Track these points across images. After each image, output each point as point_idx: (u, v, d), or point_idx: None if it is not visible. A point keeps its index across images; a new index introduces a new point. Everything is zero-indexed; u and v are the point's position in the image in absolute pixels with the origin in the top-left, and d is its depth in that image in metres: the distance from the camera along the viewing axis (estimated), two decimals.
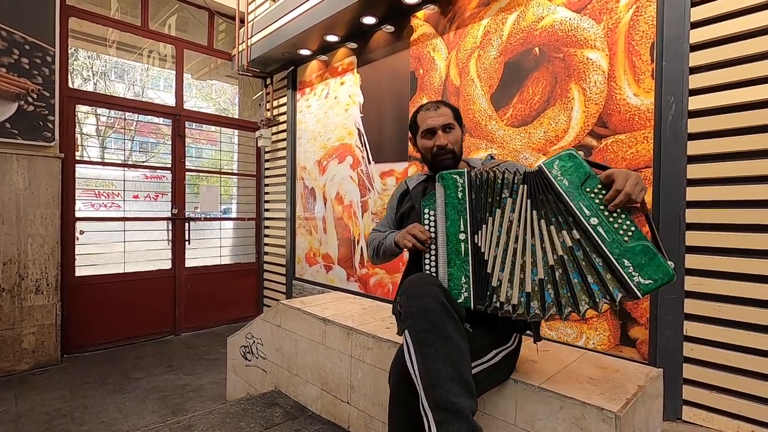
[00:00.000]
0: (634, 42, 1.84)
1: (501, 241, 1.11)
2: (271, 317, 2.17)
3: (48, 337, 3.05)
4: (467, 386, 0.95)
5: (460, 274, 1.15)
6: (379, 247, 1.45)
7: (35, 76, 2.95)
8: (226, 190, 4.52)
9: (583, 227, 1.01)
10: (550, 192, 1.06)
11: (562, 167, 1.06)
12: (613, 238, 0.98)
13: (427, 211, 1.24)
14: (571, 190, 1.03)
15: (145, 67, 11.39)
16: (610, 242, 0.98)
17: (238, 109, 5.12)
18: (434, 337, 0.99)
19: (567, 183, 1.04)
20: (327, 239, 3.58)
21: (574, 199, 1.03)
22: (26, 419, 2.30)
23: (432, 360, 0.96)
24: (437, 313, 1.01)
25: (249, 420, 1.76)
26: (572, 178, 1.04)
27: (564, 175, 1.05)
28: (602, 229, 0.99)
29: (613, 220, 1.00)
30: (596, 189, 1.02)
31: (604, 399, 1.09)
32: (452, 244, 1.17)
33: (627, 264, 0.96)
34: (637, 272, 0.95)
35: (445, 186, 1.20)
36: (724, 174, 1.62)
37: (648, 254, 0.95)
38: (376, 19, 2.94)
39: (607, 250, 0.98)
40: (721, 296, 1.63)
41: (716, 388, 1.64)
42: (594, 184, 1.03)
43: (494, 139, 2.34)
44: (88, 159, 4.55)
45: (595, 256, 1.00)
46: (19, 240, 2.93)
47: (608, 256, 0.98)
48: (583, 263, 1.01)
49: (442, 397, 0.92)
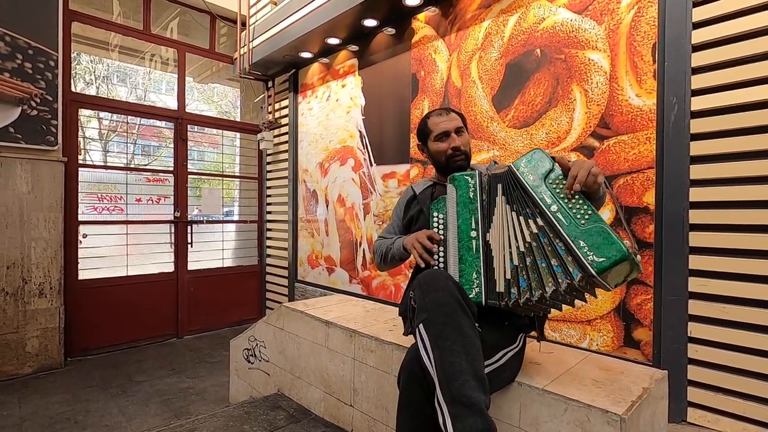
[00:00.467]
0: (635, 43, 1.84)
1: (498, 238, 1.17)
2: (273, 320, 2.17)
3: (51, 341, 3.05)
4: (482, 381, 0.96)
5: (471, 270, 1.18)
6: (387, 253, 1.47)
7: (38, 80, 2.97)
8: (228, 193, 4.53)
9: (545, 215, 1.08)
10: (518, 187, 1.14)
11: (527, 164, 1.15)
12: (570, 222, 1.04)
13: (436, 215, 1.28)
14: (536, 184, 1.12)
15: (147, 71, 11.44)
16: (567, 225, 1.04)
17: (239, 112, 5.13)
18: (450, 330, 0.99)
19: (531, 178, 1.13)
20: (329, 242, 3.58)
21: (537, 191, 1.11)
22: (30, 423, 2.30)
23: (449, 353, 0.96)
24: (452, 307, 1.02)
25: (252, 423, 1.76)
26: (536, 173, 1.13)
27: (529, 171, 1.14)
28: (561, 215, 1.06)
29: (572, 206, 1.06)
30: (557, 180, 1.11)
31: (609, 401, 1.08)
32: (464, 241, 1.21)
33: (582, 245, 1.01)
34: (591, 252, 0.99)
35: (458, 186, 1.25)
36: (727, 174, 1.62)
37: (603, 235, 1.00)
38: (377, 22, 2.95)
39: (565, 233, 1.03)
40: (726, 297, 1.62)
41: (722, 389, 1.62)
42: (555, 176, 1.11)
43: (496, 140, 2.34)
44: (91, 163, 4.56)
45: (557, 241, 1.05)
46: (23, 244, 2.94)
47: (566, 239, 1.03)
48: (548, 248, 1.07)
49: (458, 391, 0.92)
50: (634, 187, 1.85)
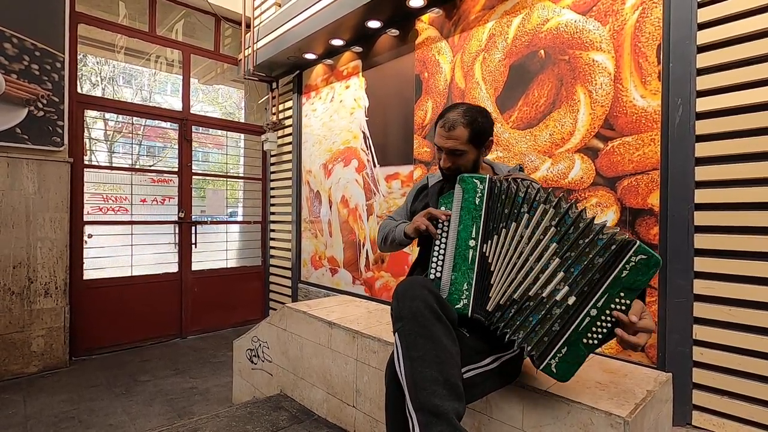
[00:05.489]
0: (640, 44, 1.83)
1: (508, 255, 1.10)
2: (276, 320, 2.17)
3: (56, 340, 3.07)
4: (453, 389, 0.96)
5: (463, 280, 1.14)
6: (389, 235, 1.49)
7: (45, 81, 3.00)
8: (232, 194, 4.54)
9: (583, 299, 1.01)
10: (599, 258, 1.00)
11: (637, 257, 0.97)
12: (584, 329, 1.01)
13: (444, 209, 1.24)
14: (617, 278, 0.98)
15: (152, 72, 11.50)
16: (578, 331, 1.01)
17: (244, 113, 5.15)
18: (423, 340, 1.00)
19: (625, 274, 0.98)
20: (332, 242, 3.59)
21: (609, 282, 0.99)
22: (34, 421, 2.32)
23: (418, 363, 0.97)
24: (426, 316, 1.02)
25: (255, 423, 1.76)
26: (633, 277, 0.97)
27: (632, 272, 0.97)
28: (588, 318, 1.01)
29: (600, 323, 1.00)
30: (628, 300, 0.98)
31: (613, 404, 1.07)
32: (460, 249, 1.16)
33: (563, 350, 1.02)
34: (556, 360, 1.02)
35: (464, 189, 1.19)
36: (733, 176, 1.60)
37: (578, 356, 1.02)
38: (381, 23, 2.96)
39: (570, 329, 1.02)
40: (732, 300, 1.60)
41: (727, 393, 1.61)
42: (631, 296, 0.98)
43: (499, 141, 2.33)
44: (97, 163, 4.60)
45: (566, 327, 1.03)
46: (29, 244, 2.96)
47: (567, 333, 1.02)
48: (557, 322, 1.03)
49: (425, 400, 0.93)
50: (639, 188, 1.84)
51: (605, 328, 0.99)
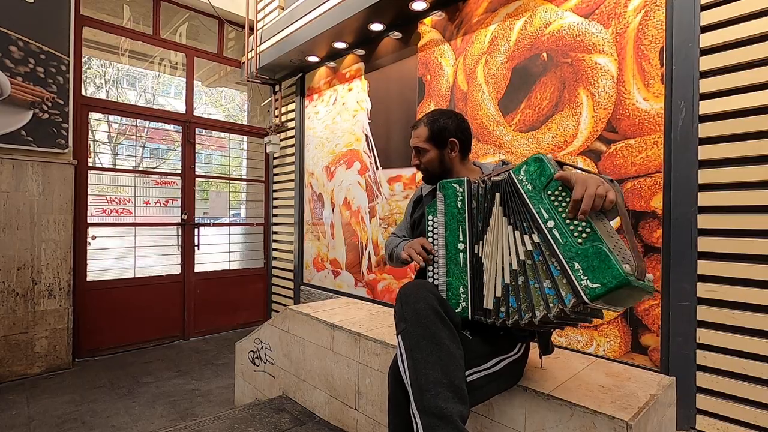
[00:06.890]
0: (643, 46, 1.83)
1: (491, 251, 1.11)
2: (279, 322, 2.17)
3: (60, 341, 3.09)
4: (457, 392, 0.96)
5: (458, 284, 1.15)
6: (393, 254, 1.53)
7: (50, 84, 3.02)
8: (234, 196, 4.56)
9: (542, 230, 0.99)
10: (516, 197, 1.05)
11: (527, 171, 1.04)
12: (566, 240, 0.94)
13: (431, 218, 1.25)
14: (533, 194, 1.01)
15: (156, 75, 11.58)
16: (563, 245, 0.94)
17: (247, 115, 5.18)
18: (426, 342, 1.00)
19: (530, 187, 1.02)
20: (335, 245, 3.59)
21: (535, 203, 1.01)
22: (38, 422, 2.33)
23: (422, 365, 0.98)
24: (430, 318, 1.02)
25: (257, 425, 1.76)
26: (535, 183, 1.02)
27: (528, 179, 1.03)
28: (557, 231, 0.96)
29: (569, 222, 0.95)
30: (557, 191, 0.98)
31: (615, 407, 1.07)
32: (451, 254, 1.17)
33: (577, 267, 0.91)
34: (586, 276, 0.89)
35: (445, 195, 1.19)
36: (736, 179, 1.60)
37: (600, 257, 0.88)
38: (383, 26, 2.97)
39: (560, 252, 0.94)
40: (736, 303, 1.59)
41: (731, 397, 1.60)
42: (555, 186, 0.99)
43: (502, 144, 2.33)
44: (101, 165, 4.62)
45: (552, 260, 0.97)
46: (33, 245, 2.98)
47: (561, 259, 0.94)
48: (542, 268, 0.99)
49: (429, 402, 0.93)
50: (642, 191, 1.83)
51: (576, 220, 0.94)
